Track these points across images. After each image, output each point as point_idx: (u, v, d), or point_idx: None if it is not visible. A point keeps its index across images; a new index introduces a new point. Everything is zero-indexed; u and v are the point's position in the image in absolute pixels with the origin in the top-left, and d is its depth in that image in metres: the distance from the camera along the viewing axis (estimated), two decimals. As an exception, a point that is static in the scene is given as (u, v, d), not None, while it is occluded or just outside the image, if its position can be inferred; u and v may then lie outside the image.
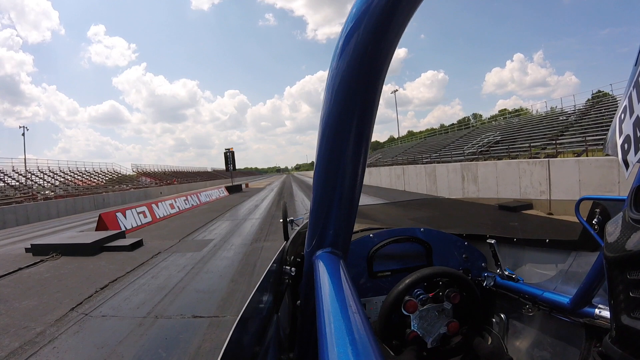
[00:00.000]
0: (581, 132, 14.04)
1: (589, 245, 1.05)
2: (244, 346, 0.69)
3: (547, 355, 1.11)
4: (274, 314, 0.96)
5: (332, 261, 0.69)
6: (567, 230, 1.39)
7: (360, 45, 0.46)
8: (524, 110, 30.32)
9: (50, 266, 5.79)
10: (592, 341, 0.89)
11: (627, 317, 0.41)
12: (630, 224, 0.43)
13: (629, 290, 0.41)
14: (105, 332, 3.17)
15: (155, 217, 11.38)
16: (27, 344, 2.99)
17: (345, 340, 0.41)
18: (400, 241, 1.36)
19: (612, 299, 0.45)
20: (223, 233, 8.40)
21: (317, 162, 0.64)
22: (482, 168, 12.29)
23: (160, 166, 48.67)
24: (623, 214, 0.46)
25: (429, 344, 1.11)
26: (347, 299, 0.52)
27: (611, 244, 0.46)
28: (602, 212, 0.93)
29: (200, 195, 17.81)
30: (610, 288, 0.46)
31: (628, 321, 0.41)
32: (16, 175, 24.14)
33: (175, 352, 2.74)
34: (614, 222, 0.48)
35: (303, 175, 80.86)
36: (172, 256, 6.16)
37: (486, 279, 1.33)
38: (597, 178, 7.74)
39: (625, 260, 0.42)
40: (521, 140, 17.20)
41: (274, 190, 26.04)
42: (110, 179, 32.69)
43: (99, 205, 20.77)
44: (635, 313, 0.40)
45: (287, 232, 1.74)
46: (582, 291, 0.87)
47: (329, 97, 0.53)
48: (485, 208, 4.46)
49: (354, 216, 0.70)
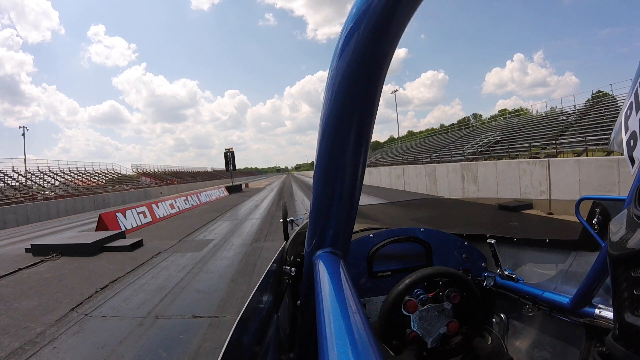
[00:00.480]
0: (581, 132, 14.05)
1: (589, 245, 1.05)
2: (244, 346, 0.69)
3: (547, 355, 1.10)
4: (274, 314, 0.96)
5: (332, 261, 0.69)
6: (567, 230, 1.39)
7: (360, 45, 0.46)
8: (524, 110, 30.36)
9: (50, 266, 5.79)
10: (592, 341, 0.89)
11: (631, 315, 0.42)
12: (634, 221, 0.43)
13: (633, 288, 0.41)
14: (106, 332, 3.17)
15: (155, 217, 11.38)
16: (27, 344, 2.99)
17: (345, 340, 0.41)
18: (400, 241, 1.36)
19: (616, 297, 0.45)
20: (223, 233, 8.40)
21: (317, 162, 0.63)
22: (482, 168, 12.30)
23: (160, 166, 48.79)
24: (627, 211, 0.46)
25: (429, 344, 1.11)
26: (347, 299, 0.52)
27: (615, 242, 0.45)
28: (602, 212, 0.93)
29: (200, 195, 17.82)
30: (614, 286, 0.46)
31: (632, 319, 0.41)
32: (16, 175, 24.16)
33: (176, 352, 2.74)
34: (618, 220, 0.48)
35: (303, 175, 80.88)
36: (172, 256, 6.16)
37: (486, 279, 1.33)
38: (597, 178, 7.75)
39: (630, 257, 0.42)
40: (521, 140, 17.21)
41: (274, 190, 26.04)
42: (110, 179, 32.70)
43: (99, 205, 20.77)
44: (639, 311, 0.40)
45: (287, 232, 1.74)
46: (582, 291, 0.87)
47: (329, 97, 0.53)
48: (485, 208, 4.45)
49: (354, 216, 0.69)
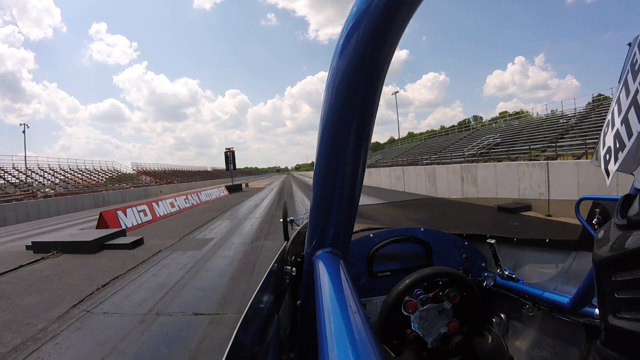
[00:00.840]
0: (581, 135, 14.06)
1: (589, 245, 1.04)
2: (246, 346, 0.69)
3: (547, 355, 1.10)
4: (274, 314, 0.96)
5: (332, 261, 0.69)
6: (565, 231, 1.40)
7: (361, 45, 0.46)
8: (524, 113, 30.41)
9: (51, 264, 5.80)
10: (592, 341, 0.88)
11: (613, 317, 0.43)
12: (616, 229, 0.45)
13: (614, 292, 0.43)
14: (107, 329, 3.19)
15: (156, 216, 11.39)
16: (29, 340, 3.01)
17: (345, 340, 0.41)
18: (400, 241, 1.36)
19: (601, 301, 0.47)
20: (223, 232, 8.41)
21: (317, 162, 0.64)
22: (481, 170, 12.31)
23: (161, 165, 48.82)
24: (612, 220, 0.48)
25: (430, 343, 1.11)
26: (347, 299, 0.52)
27: (598, 247, 0.48)
28: (602, 212, 0.93)
29: (200, 195, 17.82)
30: (598, 291, 0.48)
31: (615, 321, 0.43)
32: (16, 172, 24.14)
33: (177, 349, 2.76)
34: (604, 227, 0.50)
35: (303, 175, 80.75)
36: (173, 254, 6.17)
37: (486, 279, 1.32)
38: (595, 180, 7.76)
39: (611, 263, 0.44)
40: (521, 142, 17.21)
41: (273, 190, 26.04)
42: (111, 177, 32.68)
43: (99, 203, 20.76)
44: (621, 313, 0.42)
45: (287, 232, 1.73)
46: (582, 291, 0.86)
47: (329, 97, 0.53)
48: (485, 209, 4.48)
49: (354, 216, 0.70)
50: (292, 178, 60.52)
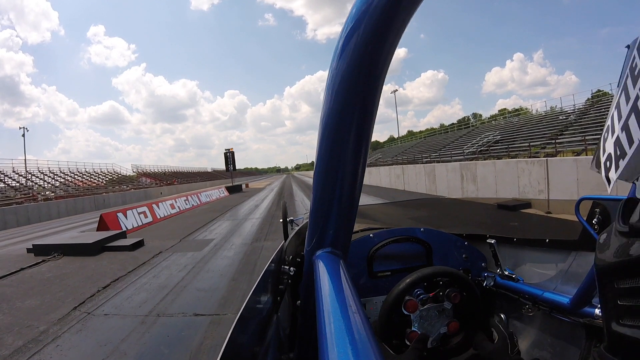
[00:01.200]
0: (580, 132, 14.08)
1: (589, 245, 1.04)
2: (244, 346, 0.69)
3: (547, 355, 1.10)
4: (273, 314, 0.96)
5: (332, 261, 0.69)
6: (566, 230, 1.39)
7: (361, 45, 0.46)
8: (523, 110, 30.34)
9: (52, 266, 5.81)
10: (592, 341, 0.88)
11: (617, 324, 0.42)
12: (617, 235, 0.45)
13: (617, 299, 0.42)
14: (108, 330, 3.20)
15: (156, 217, 11.40)
16: (30, 342, 3.02)
17: (345, 340, 0.41)
18: (400, 241, 1.35)
19: (604, 308, 0.47)
20: (223, 233, 8.42)
21: (317, 162, 0.63)
22: (481, 168, 12.31)
23: (160, 166, 48.80)
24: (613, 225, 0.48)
25: (430, 343, 1.10)
26: (347, 299, 0.52)
27: (600, 253, 0.47)
28: (602, 212, 0.92)
29: (200, 196, 17.83)
30: (601, 297, 0.47)
31: (618, 328, 0.42)
32: (16, 176, 24.15)
33: (178, 349, 2.77)
34: (606, 232, 0.49)
35: (303, 175, 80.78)
36: (173, 256, 6.18)
37: (486, 278, 1.32)
38: (595, 177, 7.70)
39: (613, 270, 0.44)
40: (521, 139, 17.23)
41: (274, 191, 26.05)
42: (111, 180, 32.70)
43: (99, 205, 20.77)
44: (624, 320, 0.41)
45: (287, 232, 1.74)
46: (582, 291, 0.86)
47: (329, 97, 0.53)
48: (484, 207, 4.47)
49: (354, 216, 0.69)
50: (292, 178, 60.57)
